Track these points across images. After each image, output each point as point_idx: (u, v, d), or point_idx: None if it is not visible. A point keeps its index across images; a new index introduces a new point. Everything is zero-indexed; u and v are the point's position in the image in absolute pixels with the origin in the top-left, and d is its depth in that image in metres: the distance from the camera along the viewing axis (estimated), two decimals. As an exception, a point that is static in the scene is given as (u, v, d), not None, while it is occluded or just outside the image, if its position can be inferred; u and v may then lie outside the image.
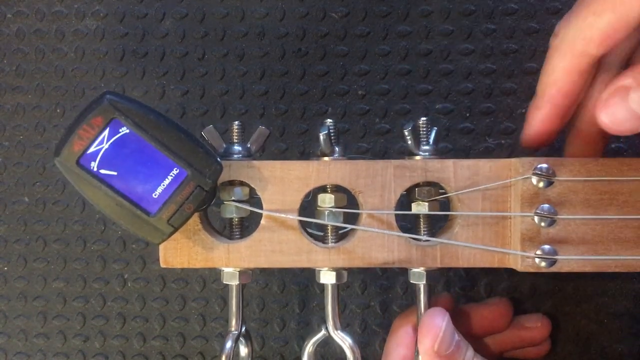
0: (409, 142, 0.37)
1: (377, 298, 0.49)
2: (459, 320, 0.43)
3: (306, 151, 0.50)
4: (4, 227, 0.51)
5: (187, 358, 0.50)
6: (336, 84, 0.50)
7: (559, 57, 0.36)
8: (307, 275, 0.49)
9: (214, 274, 0.50)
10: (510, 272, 0.48)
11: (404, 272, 0.39)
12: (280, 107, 0.50)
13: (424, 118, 0.38)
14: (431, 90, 0.50)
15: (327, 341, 0.38)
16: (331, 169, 0.37)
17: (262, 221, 0.37)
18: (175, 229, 0.34)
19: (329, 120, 0.37)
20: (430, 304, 0.38)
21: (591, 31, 0.34)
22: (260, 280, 0.49)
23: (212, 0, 0.51)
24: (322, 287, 0.38)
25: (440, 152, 0.44)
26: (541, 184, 0.35)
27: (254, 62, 0.50)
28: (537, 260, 0.35)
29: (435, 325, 0.36)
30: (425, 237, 0.38)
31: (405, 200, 0.38)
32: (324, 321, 0.38)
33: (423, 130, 0.38)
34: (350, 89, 0.50)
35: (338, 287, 0.38)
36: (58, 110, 0.51)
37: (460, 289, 0.49)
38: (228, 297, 0.38)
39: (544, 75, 0.37)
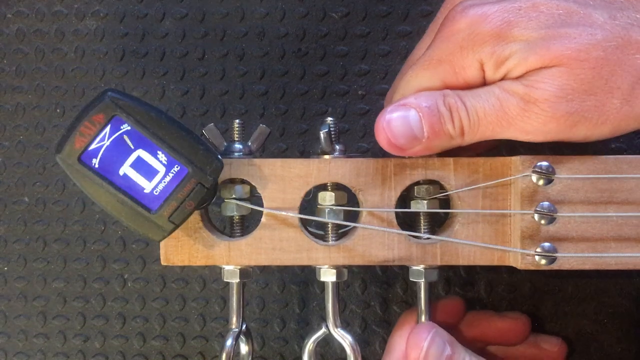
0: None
1: (377, 298, 0.49)
2: (471, 325, 0.43)
3: (306, 151, 0.50)
4: (4, 227, 0.51)
5: (187, 358, 0.50)
6: (336, 84, 0.50)
7: None
8: (307, 275, 0.49)
9: (214, 274, 0.50)
10: (511, 271, 0.48)
11: (404, 271, 0.39)
12: (280, 107, 0.50)
13: None
14: (431, 90, 0.50)
15: (328, 341, 0.39)
16: (331, 167, 0.37)
17: (263, 219, 0.37)
18: (176, 226, 0.34)
19: (330, 118, 0.37)
20: (430, 302, 0.38)
21: None
22: (260, 280, 0.49)
23: (212, 0, 0.51)
24: (322, 286, 0.38)
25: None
26: (541, 182, 0.35)
27: (254, 62, 0.50)
28: (537, 257, 0.35)
29: (419, 341, 0.37)
30: (425, 235, 0.38)
31: (406, 198, 0.38)
32: (324, 319, 0.38)
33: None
34: (350, 89, 0.50)
35: (338, 285, 0.38)
36: (58, 110, 0.51)
37: (460, 288, 0.49)
38: (229, 295, 0.38)
39: None
